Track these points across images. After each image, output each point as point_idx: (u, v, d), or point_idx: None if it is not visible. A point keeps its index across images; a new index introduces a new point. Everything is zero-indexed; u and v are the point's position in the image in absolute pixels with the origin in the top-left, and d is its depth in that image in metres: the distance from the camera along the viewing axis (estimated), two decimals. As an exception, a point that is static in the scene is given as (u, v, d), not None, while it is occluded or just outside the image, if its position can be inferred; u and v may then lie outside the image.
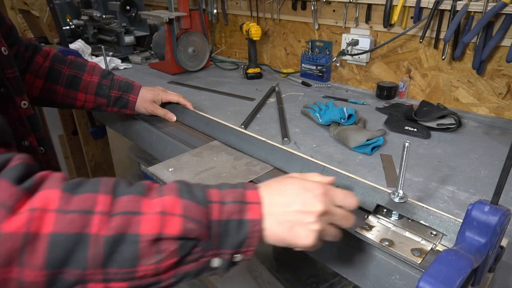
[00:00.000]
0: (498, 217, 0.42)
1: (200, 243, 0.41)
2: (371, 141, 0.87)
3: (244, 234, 0.43)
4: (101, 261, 0.37)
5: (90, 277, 0.37)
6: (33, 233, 0.35)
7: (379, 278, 0.59)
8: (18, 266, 0.35)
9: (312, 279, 1.09)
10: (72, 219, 0.36)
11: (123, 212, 0.39)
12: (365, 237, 0.58)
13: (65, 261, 0.36)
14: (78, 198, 0.38)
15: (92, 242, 0.37)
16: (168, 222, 0.39)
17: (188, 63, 1.55)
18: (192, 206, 0.41)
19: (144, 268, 0.39)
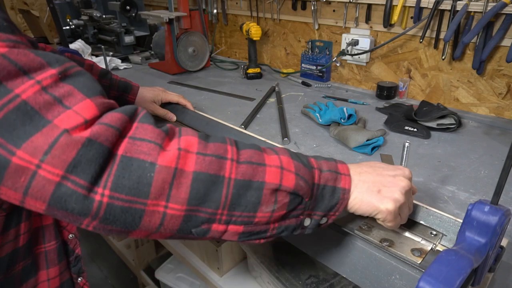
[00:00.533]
0: (498, 217, 0.42)
1: (303, 201, 0.45)
2: (371, 141, 0.87)
3: (336, 199, 0.48)
4: (229, 202, 0.40)
5: (218, 217, 0.41)
6: (180, 169, 0.38)
7: (379, 278, 0.59)
8: (165, 200, 0.38)
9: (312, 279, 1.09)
10: (210, 161, 0.40)
11: (249, 161, 0.42)
12: (365, 237, 0.58)
13: (203, 198, 0.39)
14: (212, 145, 0.41)
15: (225, 184, 0.40)
16: (286, 176, 0.43)
17: (188, 63, 1.55)
18: (301, 167, 0.45)
19: (261, 215, 0.42)
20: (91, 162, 0.34)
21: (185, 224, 0.40)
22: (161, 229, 0.39)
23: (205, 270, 1.41)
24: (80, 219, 0.36)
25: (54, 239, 0.63)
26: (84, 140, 0.34)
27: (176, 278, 1.67)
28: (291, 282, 1.17)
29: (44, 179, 0.34)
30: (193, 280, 1.64)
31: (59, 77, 0.37)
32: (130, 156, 0.36)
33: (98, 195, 0.35)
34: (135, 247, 1.93)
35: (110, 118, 0.37)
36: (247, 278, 1.37)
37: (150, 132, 0.39)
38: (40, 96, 0.35)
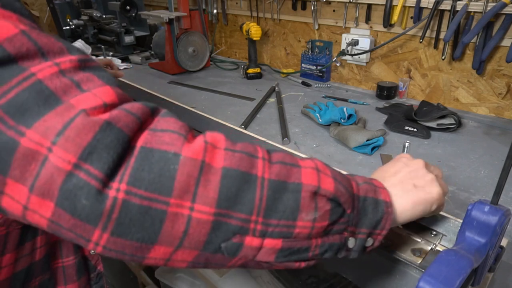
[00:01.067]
0: (498, 217, 0.42)
1: (345, 214, 0.39)
2: (371, 141, 0.87)
3: (381, 213, 0.42)
4: (264, 206, 0.34)
5: (252, 226, 0.34)
6: (208, 164, 0.33)
7: (379, 278, 0.59)
8: (191, 200, 0.32)
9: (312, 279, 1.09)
10: (241, 157, 0.34)
11: (282, 162, 0.37)
12: (365, 237, 0.58)
13: (234, 200, 0.33)
14: (240, 144, 0.37)
15: (258, 184, 0.34)
16: (323, 179, 0.38)
17: (188, 63, 1.55)
18: (338, 174, 0.40)
19: (302, 224, 0.36)
20: (108, 149, 0.30)
21: (214, 235, 0.33)
22: (186, 241, 0.32)
23: (205, 270, 1.42)
24: (88, 229, 0.30)
25: (72, 254, 0.59)
26: (103, 122, 0.30)
27: (176, 278, 1.67)
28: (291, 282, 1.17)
29: (54, 167, 0.29)
30: (193, 280, 1.64)
31: (78, 64, 0.33)
32: (151, 147, 0.31)
33: (113, 190, 0.29)
34: (135, 247, 1.93)
35: (131, 106, 0.33)
36: (247, 278, 1.37)
37: (173, 123, 0.34)
38: (57, 78, 0.31)
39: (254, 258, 0.36)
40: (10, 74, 0.30)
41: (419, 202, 0.45)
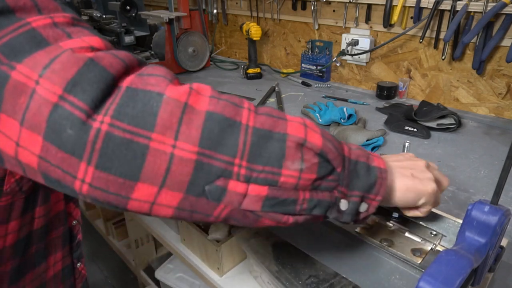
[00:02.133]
0: (498, 217, 0.42)
1: (335, 171, 0.39)
2: (371, 141, 0.87)
3: (373, 177, 0.41)
4: (248, 151, 0.34)
5: (236, 170, 0.34)
6: (191, 106, 0.33)
7: (379, 278, 0.59)
8: (173, 137, 0.32)
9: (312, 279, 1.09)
10: (226, 104, 0.35)
11: (268, 114, 0.37)
12: (365, 237, 0.58)
13: (217, 142, 0.33)
14: (226, 95, 0.37)
15: (242, 130, 0.34)
16: (310, 133, 0.38)
17: (188, 63, 1.55)
18: (327, 133, 0.40)
19: (287, 173, 0.36)
20: (92, 83, 0.31)
21: (197, 175, 0.33)
22: (168, 180, 0.32)
23: (205, 270, 1.41)
24: (74, 162, 0.31)
25: (62, 225, 0.63)
26: (87, 59, 0.31)
27: (176, 278, 1.67)
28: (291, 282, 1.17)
29: (41, 99, 0.30)
30: (193, 280, 1.64)
31: (71, 21, 0.35)
32: (136, 87, 0.32)
33: (97, 122, 0.30)
34: (135, 247, 1.93)
35: (117, 52, 0.34)
36: (247, 278, 1.37)
37: (159, 70, 0.35)
38: (50, 28, 0.33)
39: (239, 206, 0.35)
40: (7, 22, 0.32)
41: (412, 189, 0.45)
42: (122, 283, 2.15)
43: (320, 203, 0.39)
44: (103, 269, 2.25)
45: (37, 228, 0.57)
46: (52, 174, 0.32)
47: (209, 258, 1.43)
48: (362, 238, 0.59)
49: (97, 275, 2.21)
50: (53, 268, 0.65)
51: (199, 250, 1.48)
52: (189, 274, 1.66)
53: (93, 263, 2.28)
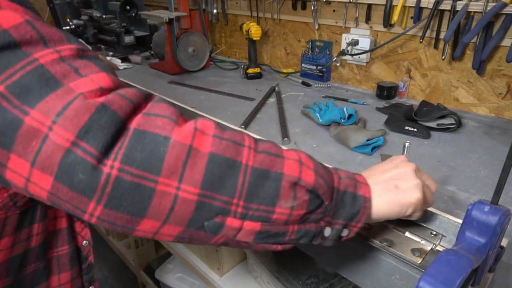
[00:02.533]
0: (498, 217, 0.42)
1: (323, 205, 0.42)
2: (371, 141, 0.87)
3: (358, 207, 0.44)
4: (246, 191, 0.37)
5: (233, 208, 0.37)
6: (195, 148, 0.36)
7: (379, 278, 0.59)
8: (178, 180, 0.35)
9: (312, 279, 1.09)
10: (227, 145, 0.37)
11: (267, 152, 0.40)
12: (365, 237, 0.58)
13: (218, 183, 0.36)
14: (229, 132, 0.39)
15: (242, 170, 0.37)
16: (305, 171, 0.40)
17: (188, 63, 1.55)
18: (320, 167, 0.43)
19: (280, 211, 0.39)
20: (103, 129, 0.33)
21: (198, 213, 0.36)
22: (171, 217, 0.35)
23: (205, 270, 1.41)
24: (84, 201, 0.33)
25: (67, 243, 0.62)
26: (98, 104, 0.33)
27: (176, 278, 1.67)
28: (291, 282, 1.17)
29: (54, 144, 0.32)
30: (193, 280, 1.64)
31: (77, 53, 0.37)
32: (144, 130, 0.34)
33: (107, 167, 0.33)
34: (135, 247, 1.93)
35: (125, 91, 0.36)
36: (247, 278, 1.37)
37: (165, 109, 0.37)
38: (58, 64, 0.34)
39: (234, 238, 0.39)
40: (15, 59, 0.33)
41: (396, 203, 0.46)
42: (122, 283, 2.15)
43: (307, 233, 0.43)
44: (103, 269, 2.25)
45: (35, 245, 0.55)
46: (62, 206, 0.35)
47: (209, 258, 1.43)
48: (362, 238, 0.59)
49: (98, 275, 2.21)
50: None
51: (199, 250, 1.48)
52: (189, 274, 1.66)
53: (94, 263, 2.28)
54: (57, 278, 0.61)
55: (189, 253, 1.51)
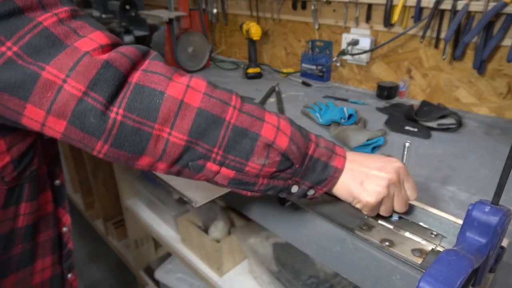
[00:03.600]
0: (498, 217, 0.42)
1: (293, 167, 0.49)
2: (371, 141, 0.87)
3: (326, 175, 0.51)
4: (225, 143, 0.44)
5: (213, 156, 0.44)
6: (186, 103, 0.42)
7: (379, 278, 0.59)
8: (170, 127, 0.42)
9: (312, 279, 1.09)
10: (215, 103, 0.44)
11: (250, 113, 0.46)
12: (366, 237, 0.58)
13: (202, 133, 0.43)
14: (219, 91, 0.46)
15: (224, 126, 0.44)
16: (280, 136, 0.47)
17: (188, 63, 1.55)
18: (298, 135, 0.49)
19: (252, 165, 0.46)
20: (108, 82, 0.39)
21: (184, 155, 0.44)
22: (164, 156, 0.43)
23: (205, 270, 1.41)
24: (94, 140, 0.40)
25: (51, 228, 0.65)
26: (103, 61, 0.39)
27: (176, 279, 1.67)
28: (291, 282, 1.17)
29: (68, 94, 0.38)
30: (193, 280, 1.64)
31: (71, 14, 0.41)
32: (143, 84, 0.41)
33: (113, 113, 0.39)
34: (135, 247, 1.93)
35: (125, 49, 0.42)
36: (247, 278, 1.37)
37: (161, 67, 0.43)
38: (58, 26, 0.39)
39: (212, 178, 0.47)
40: (22, 23, 0.38)
41: (351, 194, 0.53)
42: (122, 283, 2.15)
43: (275, 187, 0.50)
44: (102, 269, 2.25)
45: (22, 226, 0.56)
46: (73, 143, 0.41)
47: (209, 258, 1.43)
48: (363, 238, 0.59)
49: (97, 275, 2.21)
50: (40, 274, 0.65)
51: (199, 250, 1.48)
52: (189, 274, 1.66)
53: (93, 263, 2.28)
54: (41, 262, 0.64)
55: (189, 253, 1.51)
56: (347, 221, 0.62)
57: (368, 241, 0.58)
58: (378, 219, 0.62)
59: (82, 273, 2.21)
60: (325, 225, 0.66)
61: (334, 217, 0.64)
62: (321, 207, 0.67)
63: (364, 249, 0.60)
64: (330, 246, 0.66)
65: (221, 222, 1.37)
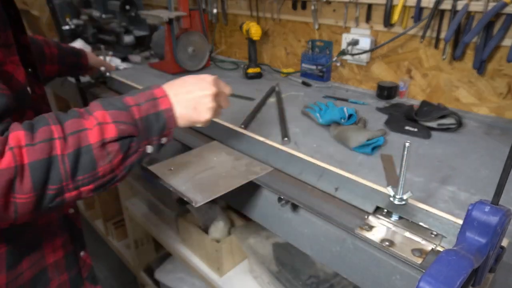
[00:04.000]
0: (498, 217, 0.42)
1: (134, 138, 0.54)
2: (371, 141, 0.87)
3: (162, 121, 0.58)
4: (70, 172, 0.49)
5: (66, 188, 0.49)
6: (19, 165, 0.46)
7: (379, 278, 0.59)
8: (14, 193, 0.46)
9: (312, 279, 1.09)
10: (40, 147, 0.47)
11: (72, 132, 0.50)
12: (366, 237, 0.58)
13: (45, 181, 0.47)
14: (38, 133, 0.48)
15: (60, 161, 0.48)
16: (106, 129, 0.51)
17: (188, 63, 1.55)
18: (117, 113, 0.53)
19: (102, 168, 0.51)
20: None
21: (40, 205, 0.49)
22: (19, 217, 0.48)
23: (205, 270, 1.41)
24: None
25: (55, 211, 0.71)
26: None
27: (176, 279, 1.67)
28: (291, 282, 1.17)
29: None
30: (193, 280, 1.64)
31: None
32: None
33: None
34: (135, 247, 1.93)
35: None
36: (247, 278, 1.37)
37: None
38: None
39: (78, 198, 0.52)
40: None
41: (190, 119, 0.62)
42: (122, 283, 2.15)
43: (133, 162, 0.56)
44: (103, 269, 2.25)
45: None
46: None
47: (209, 258, 1.43)
48: (362, 238, 0.59)
49: (97, 275, 2.21)
50: (53, 254, 0.72)
51: (199, 250, 1.48)
52: (189, 274, 1.66)
53: (93, 263, 2.28)
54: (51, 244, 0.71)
55: (189, 254, 1.51)
56: (347, 221, 0.62)
57: (368, 241, 0.58)
58: (379, 219, 0.62)
59: (82, 273, 2.20)
60: (325, 225, 0.66)
61: (334, 217, 0.64)
62: (321, 207, 0.67)
63: (364, 249, 0.60)
64: (330, 246, 0.66)
65: (221, 222, 1.37)
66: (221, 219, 1.38)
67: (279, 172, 0.79)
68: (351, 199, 0.67)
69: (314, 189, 0.72)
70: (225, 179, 0.74)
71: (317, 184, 0.73)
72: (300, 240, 0.73)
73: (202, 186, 0.71)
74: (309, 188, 0.73)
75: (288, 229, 0.75)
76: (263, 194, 0.78)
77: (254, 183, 0.76)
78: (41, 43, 1.06)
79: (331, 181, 0.71)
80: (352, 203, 0.67)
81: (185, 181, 0.73)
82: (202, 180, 0.74)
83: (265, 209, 0.79)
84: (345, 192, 0.69)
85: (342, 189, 0.69)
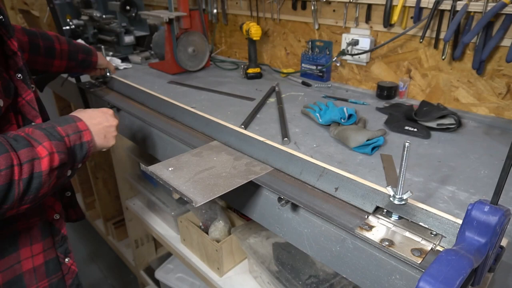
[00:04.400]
0: (498, 217, 0.42)
1: (66, 164, 0.65)
2: (371, 141, 0.87)
3: (85, 150, 0.70)
4: (22, 193, 0.58)
5: (13, 206, 0.58)
6: None
7: (379, 278, 0.59)
8: None
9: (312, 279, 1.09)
10: (6, 173, 0.55)
11: (28, 160, 0.58)
12: (365, 237, 0.58)
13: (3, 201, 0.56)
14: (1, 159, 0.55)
15: (16, 186, 0.57)
16: (53, 158, 0.62)
17: (188, 63, 1.55)
18: (58, 143, 0.64)
19: (43, 191, 0.62)
20: None
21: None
22: None
23: (205, 270, 1.42)
24: None
25: (38, 215, 0.77)
26: None
27: (176, 279, 1.67)
28: (291, 282, 1.17)
29: None
30: (193, 280, 1.64)
31: None
32: None
33: None
34: (135, 247, 1.93)
35: None
36: (247, 278, 1.37)
37: None
38: None
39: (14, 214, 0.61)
40: None
41: (101, 146, 0.77)
42: (122, 283, 2.15)
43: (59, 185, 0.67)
44: (103, 269, 2.25)
45: None
46: None
47: (209, 258, 1.43)
48: (362, 238, 0.59)
49: (97, 275, 2.21)
50: (31, 260, 0.76)
51: (199, 250, 1.48)
52: (189, 274, 1.66)
53: (93, 263, 2.28)
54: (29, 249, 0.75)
55: (189, 253, 1.51)
56: (347, 221, 0.62)
57: (367, 241, 0.58)
58: (378, 219, 0.63)
59: (83, 273, 2.21)
60: (325, 225, 0.66)
61: (334, 217, 0.64)
62: (321, 207, 0.67)
63: (364, 249, 0.60)
64: (330, 246, 0.66)
65: (221, 222, 1.38)
66: (221, 219, 1.38)
67: (279, 172, 0.79)
68: (351, 199, 0.67)
69: (314, 189, 0.73)
70: (225, 179, 0.75)
71: (317, 184, 0.73)
72: (300, 240, 0.73)
73: (202, 186, 0.71)
74: (309, 188, 0.73)
75: (288, 229, 0.75)
76: (263, 194, 0.78)
77: (254, 183, 0.76)
78: (52, 38, 1.08)
79: (331, 181, 0.71)
80: (352, 203, 0.67)
81: (185, 181, 0.73)
82: (202, 180, 0.74)
83: (265, 209, 0.80)
84: (345, 192, 0.69)
85: (342, 189, 0.69)
